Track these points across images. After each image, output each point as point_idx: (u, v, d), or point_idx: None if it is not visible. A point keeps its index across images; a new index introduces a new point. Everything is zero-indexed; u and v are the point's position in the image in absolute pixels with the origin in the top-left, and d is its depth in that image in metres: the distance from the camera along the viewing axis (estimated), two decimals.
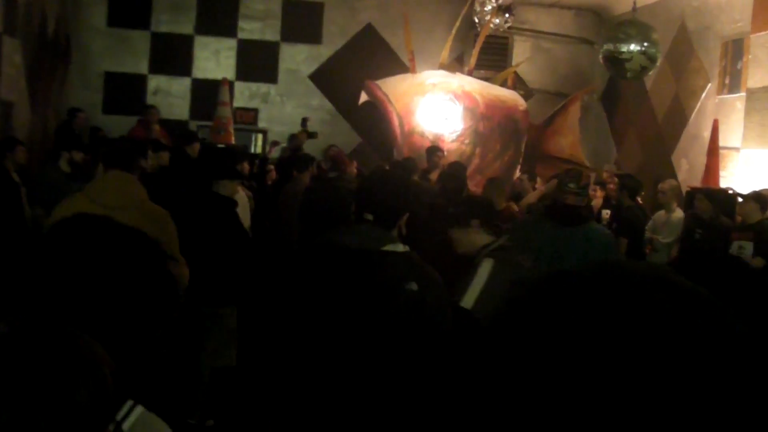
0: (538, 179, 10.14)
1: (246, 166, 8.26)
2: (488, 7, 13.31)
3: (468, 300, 3.46)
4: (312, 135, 11.88)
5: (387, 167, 8.94)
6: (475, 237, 4.02)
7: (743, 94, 10.21)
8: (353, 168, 8.85)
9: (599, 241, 5.18)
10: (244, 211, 6.81)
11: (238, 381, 6.24)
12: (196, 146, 8.59)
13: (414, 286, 2.69)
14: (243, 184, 7.95)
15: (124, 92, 13.49)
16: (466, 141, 11.04)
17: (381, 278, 2.73)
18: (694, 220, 8.22)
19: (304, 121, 12.75)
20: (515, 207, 8.36)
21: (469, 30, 13.49)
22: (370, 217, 2.93)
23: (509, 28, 13.93)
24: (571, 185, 5.16)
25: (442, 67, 11.63)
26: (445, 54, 11.71)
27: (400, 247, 2.84)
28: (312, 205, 7.84)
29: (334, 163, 9.23)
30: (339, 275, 2.79)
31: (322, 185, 8.37)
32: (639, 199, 9.43)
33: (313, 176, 8.80)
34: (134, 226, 1.72)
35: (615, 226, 8.58)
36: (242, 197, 6.82)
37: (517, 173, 11.32)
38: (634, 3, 10.52)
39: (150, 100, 13.46)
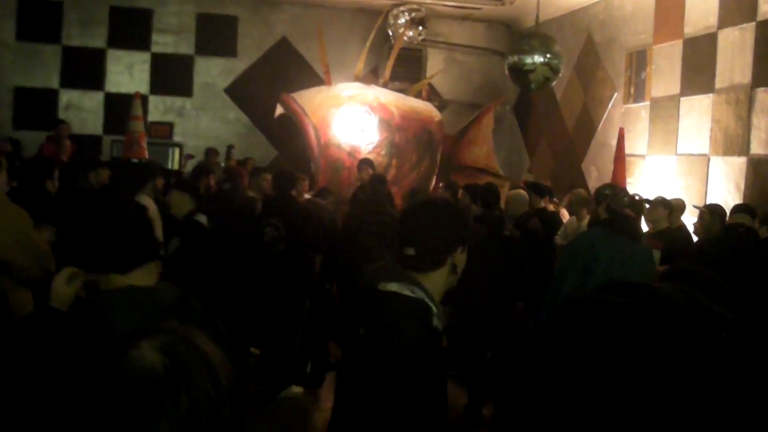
0: (461, 191, 10.26)
1: (160, 181, 8.22)
2: (402, 20, 13.46)
3: None
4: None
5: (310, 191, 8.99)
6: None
7: (647, 103, 10.55)
8: (245, 181, 8.94)
9: (650, 258, 5.31)
10: (155, 225, 6.75)
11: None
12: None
13: (362, 331, 2.48)
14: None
15: (35, 107, 13.21)
16: (383, 152, 11.10)
17: (356, 318, 2.56)
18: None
19: (230, 148, 12.83)
20: None
21: (383, 42, 13.62)
22: (411, 251, 2.58)
23: (423, 40, 14.09)
24: (626, 199, 5.24)
25: (357, 79, 11.68)
26: (360, 66, 11.78)
27: (395, 287, 2.49)
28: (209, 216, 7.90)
29: (228, 175, 9.27)
30: (350, 311, 2.75)
31: (216, 197, 8.47)
32: (551, 205, 9.65)
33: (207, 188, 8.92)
34: None
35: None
36: (153, 211, 6.77)
37: (433, 183, 11.44)
38: (537, 15, 10.77)
39: (62, 114, 13.21)
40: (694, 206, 8.26)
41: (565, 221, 9.06)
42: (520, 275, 6.89)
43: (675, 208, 7.98)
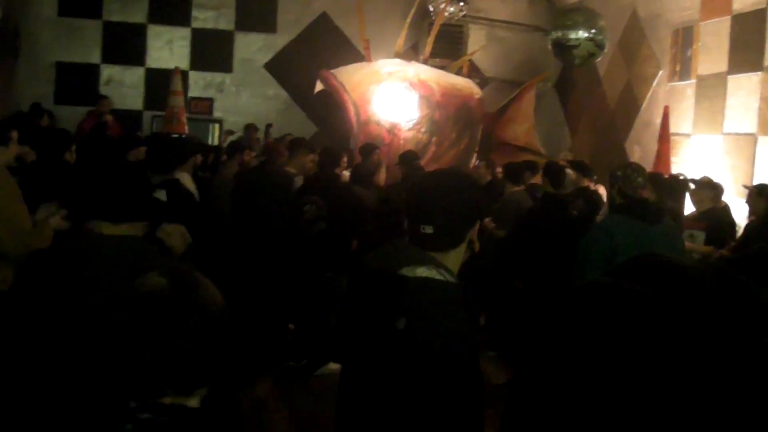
0: (498, 168, 10.18)
1: (199, 157, 8.26)
2: None
3: None
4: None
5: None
6: None
7: (693, 81, 10.35)
8: (284, 157, 8.90)
9: (676, 236, 5.12)
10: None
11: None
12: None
13: (402, 324, 2.27)
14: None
15: (76, 83, 13.31)
16: (423, 129, 11.05)
17: (379, 308, 2.36)
18: None
19: (268, 127, 12.86)
20: None
21: (423, 18, 13.50)
22: (429, 229, 2.39)
23: (464, 16, 13.96)
24: (640, 179, 5.06)
25: (398, 55, 11.62)
26: (400, 42, 11.70)
27: (424, 271, 2.32)
28: (242, 191, 7.88)
29: (266, 149, 9.27)
30: (358, 298, 2.50)
31: (250, 171, 8.48)
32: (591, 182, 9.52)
33: (242, 164, 8.93)
34: None
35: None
36: (191, 187, 6.79)
37: (474, 161, 11.37)
38: None
39: (103, 90, 13.30)
40: (743, 186, 8.09)
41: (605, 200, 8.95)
42: None
43: (719, 189, 7.86)
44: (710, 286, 0.93)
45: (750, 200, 7.29)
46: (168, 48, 13.80)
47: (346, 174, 8.34)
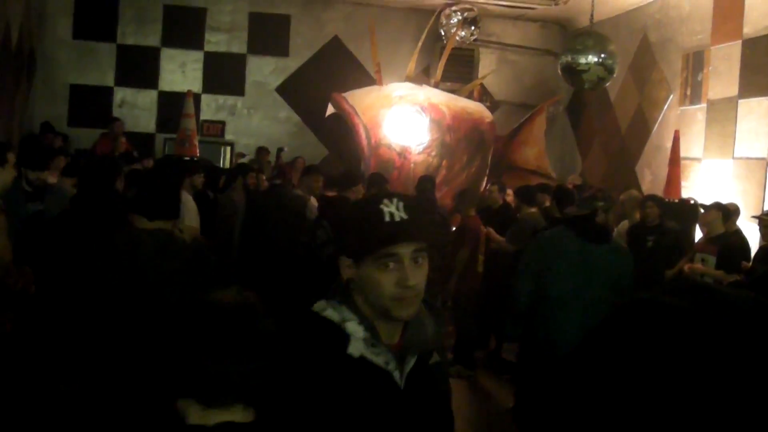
0: (508, 190, 10.20)
1: (201, 177, 8.43)
2: (454, 20, 13.40)
3: None
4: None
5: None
6: None
7: (704, 105, 10.35)
8: (295, 180, 8.99)
9: (624, 258, 5.20)
10: (191, 216, 6.84)
11: None
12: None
13: None
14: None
15: (90, 104, 13.40)
16: (433, 153, 11.08)
17: None
18: (642, 228, 8.25)
19: (279, 151, 12.92)
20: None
21: (435, 42, 13.57)
22: None
23: (475, 40, 14.01)
24: (600, 203, 5.17)
25: (409, 79, 11.67)
26: (411, 66, 11.76)
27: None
28: (255, 213, 7.92)
29: (279, 171, 9.35)
30: None
31: (263, 194, 8.54)
32: None
33: (248, 185, 9.02)
34: None
35: None
36: (189, 201, 6.86)
37: (485, 184, 11.38)
38: (592, 15, 10.62)
39: (116, 112, 13.38)
40: (753, 216, 8.05)
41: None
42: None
43: (731, 212, 7.81)
44: (748, 306, 0.94)
45: (763, 227, 7.27)
46: (181, 71, 13.90)
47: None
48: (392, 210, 1.97)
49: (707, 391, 0.86)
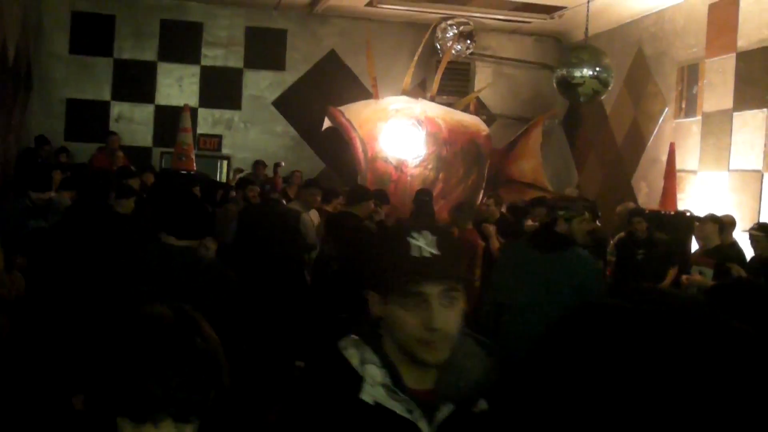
0: (504, 204, 10.22)
1: (197, 191, 8.51)
2: (450, 34, 13.45)
3: None
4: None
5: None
6: None
7: (699, 117, 10.39)
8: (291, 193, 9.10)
9: (584, 265, 5.21)
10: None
11: None
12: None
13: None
14: None
15: (87, 119, 13.42)
16: (430, 166, 11.10)
17: None
18: (631, 242, 8.25)
19: (276, 166, 12.92)
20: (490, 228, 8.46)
21: (431, 56, 13.61)
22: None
23: (471, 54, 14.06)
24: (562, 212, 5.20)
25: (405, 92, 11.69)
26: (407, 80, 11.79)
27: None
28: (247, 228, 7.93)
29: (272, 186, 9.36)
30: None
31: (256, 207, 8.55)
32: (597, 221, 9.53)
33: (248, 199, 9.06)
34: None
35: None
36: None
37: (481, 197, 11.39)
38: (587, 29, 10.65)
39: (113, 126, 13.40)
40: (743, 231, 8.07)
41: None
42: None
43: (726, 224, 7.83)
44: (701, 310, 0.95)
45: (755, 241, 7.29)
46: (177, 85, 13.92)
47: (381, 212, 8.36)
48: (420, 244, 1.79)
49: (643, 387, 0.86)
